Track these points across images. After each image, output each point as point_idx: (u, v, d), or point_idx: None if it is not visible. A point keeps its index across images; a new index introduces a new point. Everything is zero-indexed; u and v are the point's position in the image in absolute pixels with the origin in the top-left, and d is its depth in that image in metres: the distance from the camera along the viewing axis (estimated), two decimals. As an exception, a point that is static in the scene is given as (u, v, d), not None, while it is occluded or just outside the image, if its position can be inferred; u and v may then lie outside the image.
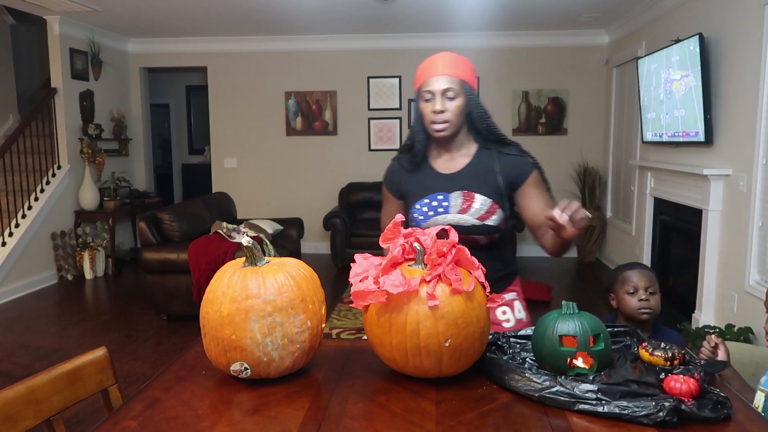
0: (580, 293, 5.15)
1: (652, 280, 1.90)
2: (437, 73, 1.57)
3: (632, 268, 1.94)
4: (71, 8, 5.21)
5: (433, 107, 1.57)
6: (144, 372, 3.45)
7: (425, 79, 1.59)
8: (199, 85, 8.44)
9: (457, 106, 1.58)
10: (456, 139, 1.66)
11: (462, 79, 1.59)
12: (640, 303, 1.89)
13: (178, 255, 4.22)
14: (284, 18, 5.65)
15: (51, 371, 1.32)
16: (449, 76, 1.57)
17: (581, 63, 6.43)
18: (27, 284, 5.21)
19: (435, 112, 1.57)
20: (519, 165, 1.65)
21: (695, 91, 3.93)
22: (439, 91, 1.56)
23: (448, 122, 1.58)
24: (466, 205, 1.62)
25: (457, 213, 1.63)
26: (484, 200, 1.62)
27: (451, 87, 1.56)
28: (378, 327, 1.30)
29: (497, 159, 1.65)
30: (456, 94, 1.57)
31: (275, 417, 1.18)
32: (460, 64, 1.60)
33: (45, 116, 5.81)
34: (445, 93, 1.56)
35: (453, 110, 1.58)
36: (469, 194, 1.63)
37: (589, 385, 1.18)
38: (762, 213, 3.41)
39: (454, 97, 1.57)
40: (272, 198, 6.95)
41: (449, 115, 1.58)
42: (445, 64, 1.58)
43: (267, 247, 1.47)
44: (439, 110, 1.56)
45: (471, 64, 1.65)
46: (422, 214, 1.66)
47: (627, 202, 5.75)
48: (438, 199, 1.64)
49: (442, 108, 1.56)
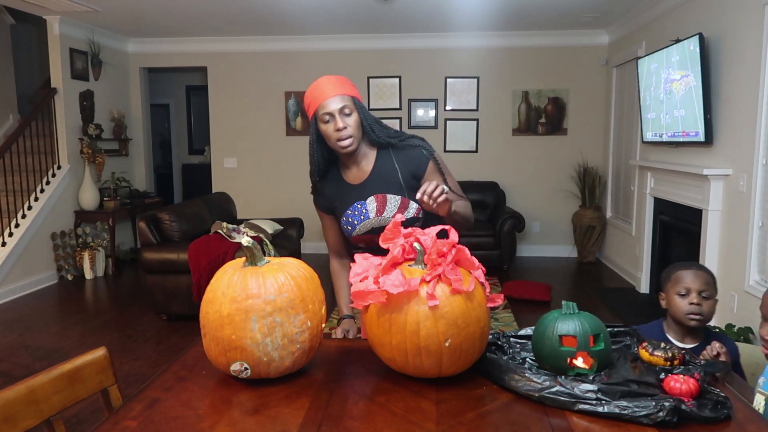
0: (580, 293, 5.15)
1: (709, 283, 1.75)
2: (329, 95, 1.69)
3: (688, 268, 1.78)
4: (71, 8, 5.21)
5: (336, 126, 1.68)
6: (144, 372, 3.45)
7: (319, 103, 1.70)
8: (199, 85, 8.44)
9: (355, 120, 1.70)
10: (359, 150, 1.78)
11: (351, 96, 1.72)
12: (690, 307, 1.72)
13: (178, 255, 4.22)
14: (284, 18, 5.65)
15: (51, 371, 1.32)
16: (341, 95, 1.69)
17: (581, 63, 6.43)
18: (27, 284, 5.21)
19: (338, 130, 1.68)
20: (415, 158, 1.78)
21: (695, 91, 3.93)
22: (337, 110, 1.68)
23: (351, 137, 1.69)
24: (381, 206, 1.76)
25: (375, 216, 1.77)
26: (394, 198, 1.76)
27: (346, 104, 1.69)
28: (378, 327, 1.30)
29: (395, 157, 1.78)
30: (351, 110, 1.70)
31: (275, 417, 1.18)
32: (344, 82, 1.74)
33: (45, 116, 5.81)
34: (342, 110, 1.68)
35: (353, 125, 1.69)
36: (381, 196, 1.77)
37: (589, 385, 1.18)
38: (762, 213, 3.41)
39: (350, 113, 1.69)
40: (272, 198, 6.94)
41: (351, 130, 1.69)
42: (333, 85, 1.71)
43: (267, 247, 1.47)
44: (341, 127, 1.67)
45: (350, 81, 1.78)
46: (349, 224, 1.81)
47: (627, 202, 5.75)
48: (357, 208, 1.79)
49: (344, 125, 1.68)
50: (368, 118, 1.74)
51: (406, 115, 6.69)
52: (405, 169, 1.77)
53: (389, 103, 6.66)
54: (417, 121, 6.68)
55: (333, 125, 1.68)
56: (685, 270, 1.78)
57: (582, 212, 6.29)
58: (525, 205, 6.64)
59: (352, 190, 1.80)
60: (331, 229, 1.92)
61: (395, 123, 6.69)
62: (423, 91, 6.61)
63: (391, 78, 6.63)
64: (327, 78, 1.75)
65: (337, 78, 1.75)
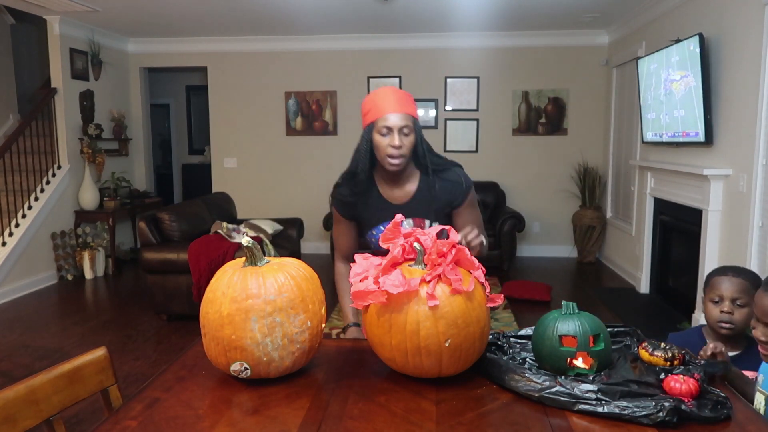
0: (580, 293, 5.15)
1: (745, 290, 1.64)
2: (394, 110, 1.68)
3: (723, 274, 1.70)
4: (71, 8, 5.21)
5: (392, 142, 1.68)
6: (144, 372, 3.45)
7: (382, 115, 1.69)
8: (199, 85, 8.44)
9: (411, 142, 1.71)
10: (404, 171, 1.79)
11: (414, 117, 1.72)
12: (720, 315, 1.66)
13: (178, 255, 4.22)
14: (284, 18, 5.65)
15: (51, 371, 1.32)
16: (405, 113, 1.69)
17: (581, 63, 6.43)
18: (27, 284, 5.21)
19: (393, 147, 1.68)
20: (455, 191, 1.81)
21: (695, 92, 3.93)
22: (398, 127, 1.68)
23: (403, 156, 1.70)
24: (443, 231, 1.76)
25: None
26: (432, 224, 1.80)
27: (408, 124, 1.69)
28: (378, 327, 1.30)
29: (437, 186, 1.79)
30: (410, 131, 1.70)
31: (275, 417, 1.18)
32: (411, 102, 1.74)
33: (45, 116, 5.81)
34: (402, 129, 1.68)
35: (407, 145, 1.70)
36: (419, 220, 1.80)
37: (589, 385, 1.18)
38: (762, 213, 3.41)
39: (409, 134, 1.70)
40: (272, 198, 6.94)
41: (405, 150, 1.70)
42: (399, 101, 1.71)
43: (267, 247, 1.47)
44: (397, 145, 1.68)
45: (413, 100, 1.78)
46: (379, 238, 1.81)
47: (627, 202, 5.75)
48: None
49: (400, 143, 1.68)
50: (423, 142, 1.75)
51: (406, 115, 6.68)
52: (444, 197, 1.79)
53: (389, 103, 6.65)
54: (417, 121, 6.68)
55: (389, 140, 1.68)
56: (720, 276, 1.71)
57: (582, 212, 6.29)
58: (525, 205, 6.64)
59: (389, 208, 1.80)
60: (347, 235, 1.91)
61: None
62: (423, 91, 6.61)
63: (391, 78, 6.63)
64: (394, 91, 1.73)
65: (404, 94, 1.74)
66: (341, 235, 1.92)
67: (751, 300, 1.59)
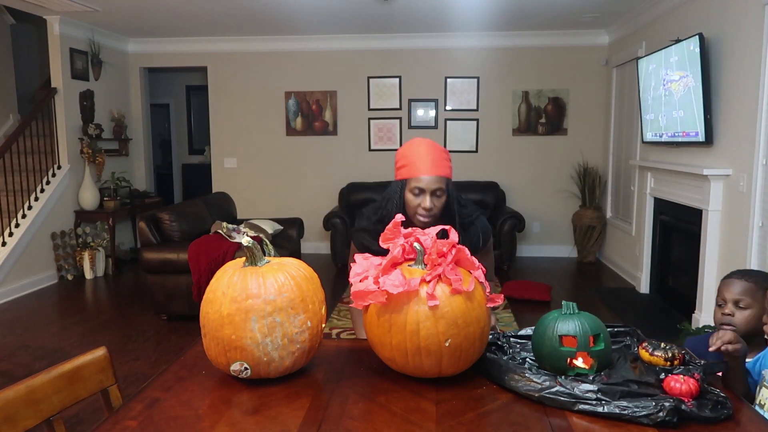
0: (580, 293, 5.15)
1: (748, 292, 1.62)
2: (428, 172, 1.69)
3: (730, 277, 1.68)
4: (71, 8, 5.21)
5: (423, 204, 1.71)
6: (144, 372, 3.45)
7: (416, 175, 1.70)
8: (199, 85, 8.44)
9: (442, 203, 1.74)
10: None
11: (448, 178, 1.74)
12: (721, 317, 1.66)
13: (178, 255, 4.22)
14: (284, 18, 5.65)
15: (51, 371, 1.32)
16: (439, 176, 1.70)
17: (581, 63, 6.43)
18: (27, 284, 5.21)
19: (425, 209, 1.71)
20: (474, 240, 1.85)
21: (695, 92, 3.93)
22: (430, 190, 1.70)
23: (434, 216, 1.74)
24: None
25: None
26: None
27: (441, 187, 1.71)
28: (378, 327, 1.30)
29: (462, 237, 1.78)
30: (442, 193, 1.73)
31: (275, 417, 1.18)
32: (446, 162, 1.74)
33: (45, 116, 5.81)
34: (435, 192, 1.71)
35: (439, 206, 1.74)
36: None
37: (589, 385, 1.18)
38: (762, 213, 3.41)
39: (441, 196, 1.73)
40: (272, 198, 6.94)
41: (436, 210, 1.73)
42: (435, 163, 1.70)
43: (267, 247, 1.47)
44: (429, 207, 1.71)
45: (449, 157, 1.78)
46: None
47: (627, 202, 5.75)
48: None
49: (431, 206, 1.71)
50: (454, 201, 1.77)
51: (406, 115, 6.69)
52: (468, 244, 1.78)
53: (389, 103, 6.66)
54: (417, 121, 6.68)
55: (421, 201, 1.71)
56: (726, 279, 1.70)
57: (582, 212, 6.29)
58: (525, 205, 6.64)
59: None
60: None
61: (395, 123, 6.70)
62: (423, 91, 6.61)
63: (391, 78, 6.63)
64: (430, 150, 1.72)
65: (440, 153, 1.73)
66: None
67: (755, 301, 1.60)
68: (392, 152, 6.76)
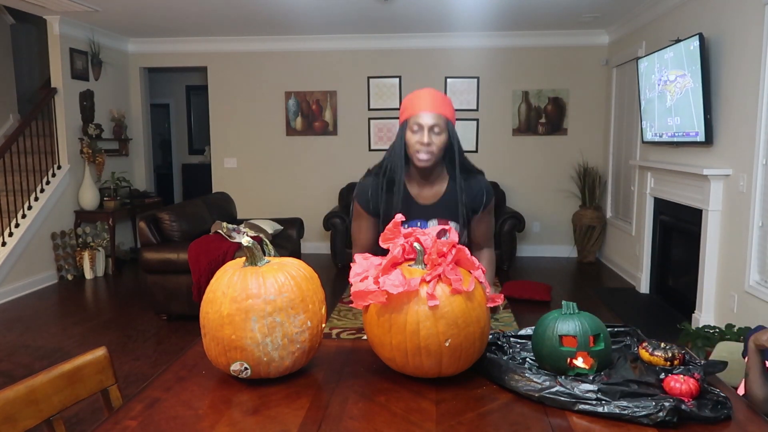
0: (580, 293, 5.15)
1: None
2: (427, 109, 1.74)
3: None
4: (71, 8, 5.21)
5: (421, 139, 1.73)
6: (144, 372, 3.45)
7: (416, 113, 1.74)
8: (199, 85, 8.44)
9: (441, 141, 1.75)
10: (434, 170, 1.83)
11: (447, 118, 1.76)
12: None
13: (178, 255, 4.22)
14: (284, 18, 5.65)
15: (51, 371, 1.32)
16: (437, 113, 1.74)
17: (581, 63, 6.43)
18: (27, 284, 5.21)
19: (422, 144, 1.73)
20: (478, 195, 1.88)
21: (695, 91, 3.93)
22: (428, 126, 1.72)
23: (431, 154, 1.74)
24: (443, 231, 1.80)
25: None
26: (456, 226, 1.86)
27: (438, 123, 1.73)
28: (378, 327, 1.30)
29: (464, 190, 1.85)
30: (441, 130, 1.74)
31: (275, 417, 1.18)
32: (446, 103, 1.78)
33: (45, 116, 5.81)
34: (432, 128, 1.73)
35: (437, 144, 1.74)
36: (445, 222, 1.85)
37: (589, 385, 1.18)
38: (762, 213, 3.41)
39: (440, 133, 1.74)
40: (272, 198, 6.94)
41: (434, 148, 1.74)
42: (434, 102, 1.76)
43: (267, 247, 1.47)
44: (426, 143, 1.72)
45: (452, 104, 1.83)
46: None
47: (627, 202, 5.75)
48: (417, 225, 1.81)
49: (429, 141, 1.72)
50: (456, 145, 1.79)
51: (406, 115, 6.68)
52: (469, 202, 1.86)
53: (389, 103, 6.67)
54: (417, 121, 6.68)
55: (419, 137, 1.73)
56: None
57: (582, 212, 6.29)
58: (525, 205, 6.64)
59: (416, 207, 1.84)
60: (368, 231, 1.89)
61: (395, 123, 6.70)
62: (423, 91, 6.60)
63: (391, 78, 6.63)
64: (431, 92, 1.78)
65: (442, 96, 1.79)
66: (361, 230, 1.90)
67: None
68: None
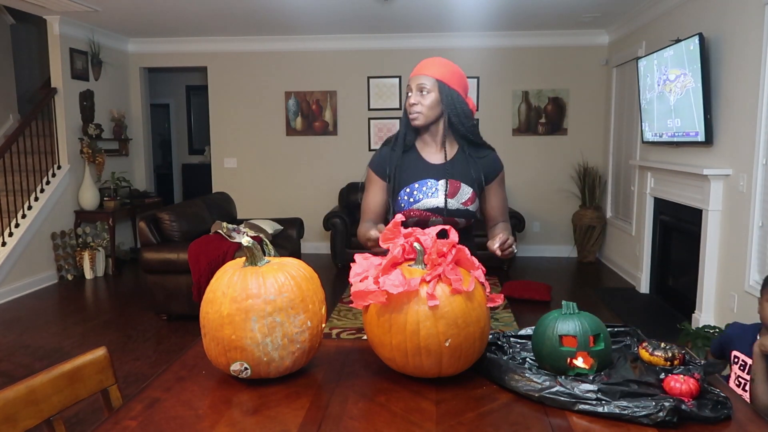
0: (580, 293, 5.15)
1: None
2: (418, 72, 1.84)
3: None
4: (71, 8, 5.21)
5: (409, 100, 1.84)
6: (144, 372, 3.45)
7: (410, 77, 1.86)
8: (199, 85, 8.44)
9: (431, 101, 1.81)
10: (437, 134, 1.88)
11: (437, 79, 1.81)
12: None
13: (178, 255, 4.22)
14: (284, 18, 5.65)
15: (51, 371, 1.32)
16: (426, 75, 1.81)
17: (581, 63, 6.43)
18: (27, 284, 5.21)
19: (409, 104, 1.84)
20: (491, 163, 1.93)
21: (695, 91, 3.93)
22: (415, 86, 1.82)
23: (419, 113, 1.82)
24: (453, 191, 1.86)
25: (444, 197, 1.86)
26: (467, 188, 1.87)
27: (424, 83, 1.80)
28: (378, 327, 1.30)
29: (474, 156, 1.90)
30: (428, 90, 1.81)
31: (275, 417, 1.18)
32: (441, 65, 1.83)
33: (45, 116, 5.81)
34: (419, 87, 1.81)
35: (425, 104, 1.81)
36: (456, 182, 1.87)
37: (589, 385, 1.18)
38: (762, 213, 3.41)
39: (427, 93, 1.81)
40: (272, 198, 6.94)
41: (420, 107, 1.81)
42: (426, 65, 1.84)
43: (267, 247, 1.47)
44: (412, 102, 1.82)
45: (455, 69, 1.86)
46: (412, 196, 1.87)
47: (627, 202, 5.75)
48: (427, 185, 1.87)
49: (415, 101, 1.82)
50: (452, 105, 1.82)
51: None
52: (481, 167, 1.89)
53: (389, 103, 6.67)
54: (417, 121, 6.68)
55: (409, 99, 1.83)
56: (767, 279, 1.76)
57: (582, 212, 6.29)
58: (525, 205, 6.64)
59: (426, 167, 1.88)
60: (377, 195, 1.92)
61: (395, 123, 6.70)
62: (423, 91, 6.60)
63: (391, 78, 6.63)
64: (430, 59, 1.86)
65: (438, 61, 1.84)
66: (372, 193, 1.93)
67: None
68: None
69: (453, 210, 1.85)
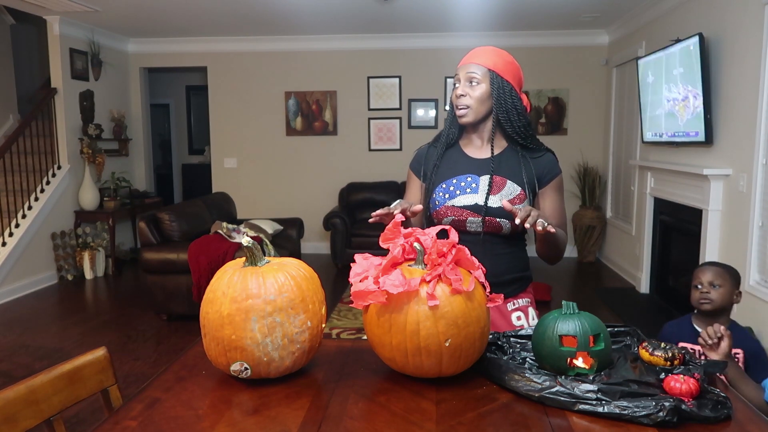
0: (580, 293, 5.15)
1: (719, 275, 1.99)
2: (468, 61, 1.63)
3: (702, 266, 2.08)
4: (71, 8, 5.21)
5: (456, 91, 1.63)
6: (144, 372, 3.45)
7: (459, 66, 1.64)
8: (199, 85, 8.44)
9: (481, 92, 1.61)
10: (485, 131, 1.68)
11: (489, 69, 1.61)
12: (699, 294, 2.00)
13: (178, 255, 4.22)
14: (284, 18, 5.65)
15: (51, 371, 1.32)
16: (477, 64, 1.61)
17: (581, 63, 6.43)
18: (27, 284, 5.21)
19: (456, 96, 1.63)
20: (547, 164, 1.70)
21: (695, 92, 3.93)
22: (464, 76, 1.62)
23: (468, 107, 1.62)
24: (498, 188, 1.64)
25: (485, 194, 1.63)
26: (513, 186, 1.65)
27: (475, 73, 1.60)
28: (378, 327, 1.30)
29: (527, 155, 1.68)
30: (480, 81, 1.60)
31: (275, 417, 1.17)
32: (494, 55, 1.63)
33: (45, 116, 5.81)
34: (469, 77, 1.61)
35: (475, 96, 1.61)
36: (500, 179, 1.65)
37: (589, 385, 1.18)
38: (762, 213, 3.41)
39: (478, 84, 1.61)
40: (272, 198, 6.94)
41: (469, 99, 1.61)
42: (478, 53, 1.63)
43: (267, 247, 1.47)
44: (459, 94, 1.62)
45: (510, 59, 1.66)
46: (447, 191, 1.67)
47: (627, 202, 5.75)
48: (466, 180, 1.66)
49: (463, 92, 1.61)
50: (504, 100, 1.62)
51: (406, 115, 6.69)
52: (534, 168, 1.67)
53: (389, 103, 6.66)
54: (417, 121, 6.68)
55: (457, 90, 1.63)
56: (699, 267, 2.08)
57: (582, 212, 6.29)
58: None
59: (468, 162, 1.68)
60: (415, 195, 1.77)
61: (395, 123, 6.70)
62: (423, 91, 6.61)
63: (391, 78, 6.63)
64: (482, 47, 1.66)
65: (491, 49, 1.64)
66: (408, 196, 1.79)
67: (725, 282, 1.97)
68: (392, 152, 6.77)
69: (494, 209, 1.62)
